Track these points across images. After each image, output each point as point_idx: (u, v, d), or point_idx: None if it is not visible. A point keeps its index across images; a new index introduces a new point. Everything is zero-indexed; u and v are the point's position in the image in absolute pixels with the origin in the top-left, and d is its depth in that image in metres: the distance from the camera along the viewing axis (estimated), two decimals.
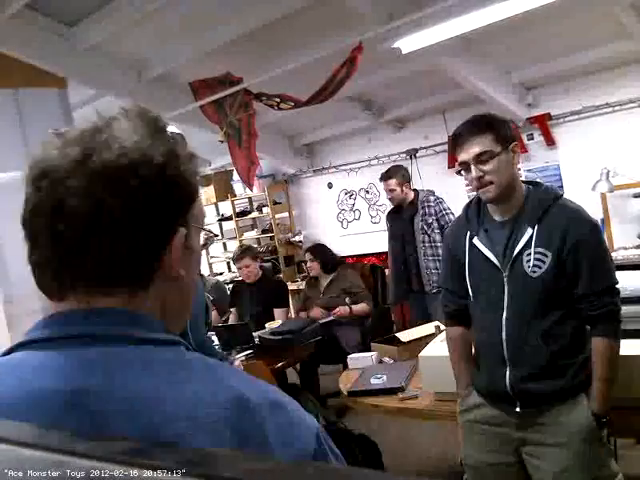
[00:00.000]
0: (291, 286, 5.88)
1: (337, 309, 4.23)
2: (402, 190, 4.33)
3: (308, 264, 4.59)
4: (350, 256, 6.50)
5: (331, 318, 4.22)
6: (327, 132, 6.37)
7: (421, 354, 2.23)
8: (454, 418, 2.16)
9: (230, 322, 4.45)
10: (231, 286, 5.08)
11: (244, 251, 4.46)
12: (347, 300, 4.29)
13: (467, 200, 2.00)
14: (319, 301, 4.47)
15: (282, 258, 6.69)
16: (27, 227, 0.72)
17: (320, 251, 4.70)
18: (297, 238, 6.78)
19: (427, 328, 3.02)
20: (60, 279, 0.67)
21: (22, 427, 0.53)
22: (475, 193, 1.85)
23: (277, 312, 4.29)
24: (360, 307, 4.31)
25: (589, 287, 1.73)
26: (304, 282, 5.10)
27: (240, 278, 4.68)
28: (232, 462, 0.46)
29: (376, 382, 2.48)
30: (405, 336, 3.04)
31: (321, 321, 4.05)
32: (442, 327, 2.69)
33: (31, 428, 0.53)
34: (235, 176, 6.59)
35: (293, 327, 3.65)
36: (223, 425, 0.60)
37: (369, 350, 4.23)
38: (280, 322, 4.00)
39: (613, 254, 4.05)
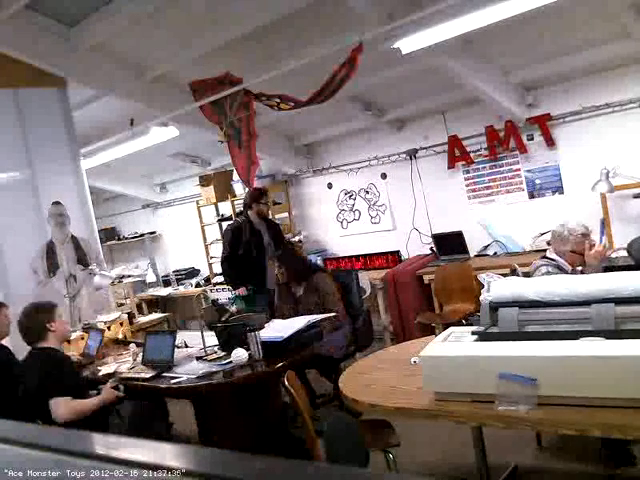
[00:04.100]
0: None
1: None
2: None
3: (276, 270, 4.34)
4: (350, 256, 6.50)
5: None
6: (327, 132, 6.36)
7: (421, 354, 2.22)
8: (454, 418, 2.16)
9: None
10: None
11: None
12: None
13: (466, 200, 2.01)
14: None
15: None
16: None
17: (287, 258, 4.40)
18: (297, 238, 6.77)
19: None
20: None
21: (22, 427, 0.53)
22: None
23: None
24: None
25: None
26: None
27: None
28: (233, 462, 0.46)
29: None
30: None
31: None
32: None
33: (31, 428, 0.53)
34: (235, 176, 6.58)
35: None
36: None
37: (358, 351, 4.18)
38: None
39: (613, 254, 4.05)
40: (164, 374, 3.29)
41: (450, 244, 5.57)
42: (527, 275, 3.23)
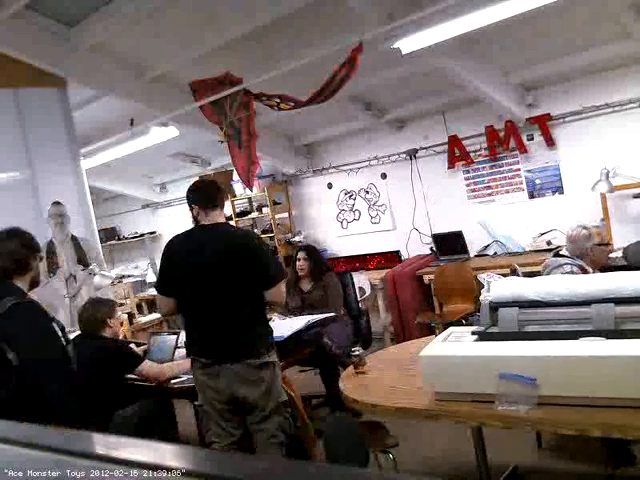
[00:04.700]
0: None
1: None
2: None
3: (300, 262, 4.42)
4: (350, 256, 6.50)
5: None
6: (327, 132, 6.36)
7: (421, 353, 2.22)
8: (454, 418, 2.16)
9: None
10: None
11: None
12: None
13: (466, 200, 2.01)
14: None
15: (282, 259, 6.68)
16: None
17: (314, 253, 4.58)
18: (297, 238, 6.77)
19: None
20: None
21: (22, 427, 0.53)
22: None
23: None
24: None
25: None
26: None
27: None
28: (233, 462, 0.46)
29: None
30: None
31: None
32: None
33: (31, 428, 0.53)
34: (235, 176, 6.58)
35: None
36: None
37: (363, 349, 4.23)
38: None
39: (613, 254, 4.05)
40: None
41: (450, 244, 5.57)
42: (537, 274, 3.20)
